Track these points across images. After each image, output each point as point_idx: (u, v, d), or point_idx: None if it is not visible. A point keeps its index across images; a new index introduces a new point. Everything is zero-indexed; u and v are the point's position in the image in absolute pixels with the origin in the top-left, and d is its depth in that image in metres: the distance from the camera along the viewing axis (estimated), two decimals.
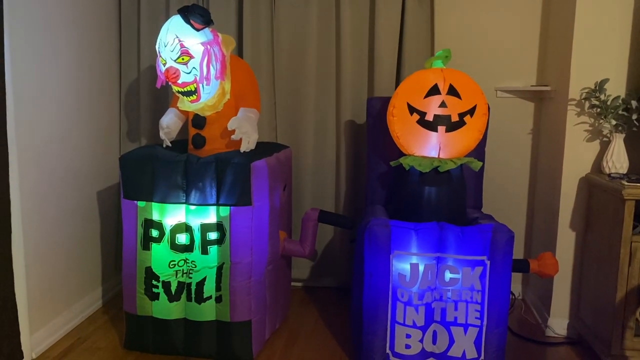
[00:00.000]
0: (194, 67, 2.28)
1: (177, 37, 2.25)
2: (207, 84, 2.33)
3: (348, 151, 3.13)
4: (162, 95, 3.05)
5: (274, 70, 3.11)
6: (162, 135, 2.56)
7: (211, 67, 2.31)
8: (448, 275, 2.16)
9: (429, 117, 2.25)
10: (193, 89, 2.33)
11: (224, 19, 3.04)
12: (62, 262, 2.64)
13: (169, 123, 2.56)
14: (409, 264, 2.15)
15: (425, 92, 2.27)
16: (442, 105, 2.24)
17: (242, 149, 2.37)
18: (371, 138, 2.73)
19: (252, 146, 2.41)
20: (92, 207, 2.92)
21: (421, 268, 2.15)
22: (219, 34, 2.40)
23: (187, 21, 2.26)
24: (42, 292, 2.47)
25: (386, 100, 2.51)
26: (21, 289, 2.29)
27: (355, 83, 3.09)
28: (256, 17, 3.05)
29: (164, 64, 2.31)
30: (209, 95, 2.39)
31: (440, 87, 2.26)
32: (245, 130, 2.37)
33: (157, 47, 2.33)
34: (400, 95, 2.34)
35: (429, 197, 2.33)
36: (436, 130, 2.25)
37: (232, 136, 2.37)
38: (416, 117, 2.28)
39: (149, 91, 3.12)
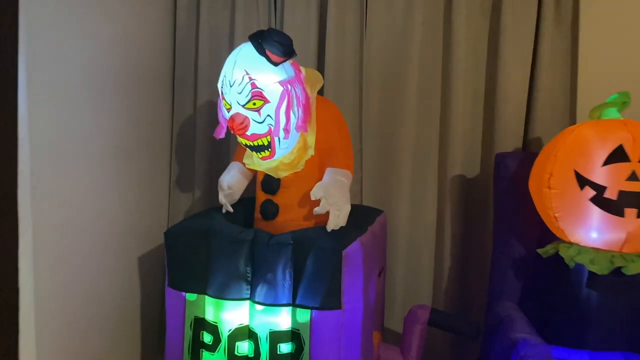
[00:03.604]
0: (268, 115, 1.66)
1: (248, 73, 1.64)
2: (286, 137, 1.70)
3: (456, 218, 2.38)
4: (224, 139, 2.45)
5: (361, 111, 2.45)
6: (221, 198, 1.95)
7: (291, 114, 1.68)
8: None
9: (612, 195, 1.54)
10: (266, 143, 1.71)
11: (302, 44, 2.42)
12: (96, 343, 2.05)
13: (231, 183, 1.94)
14: None
15: (605, 157, 1.57)
16: (633, 177, 1.52)
17: (329, 227, 1.71)
18: (501, 209, 2.01)
19: (343, 222, 1.75)
20: (133, 274, 2.34)
21: None
22: (302, 69, 1.78)
23: (262, 51, 1.64)
24: None
25: (526, 159, 1.82)
26: None
27: (468, 129, 2.37)
28: (341, 44, 2.41)
29: (229, 110, 1.70)
30: (286, 151, 1.76)
31: (628, 149, 1.54)
32: (335, 201, 1.72)
33: (219, 85, 1.74)
34: (562, 160, 1.63)
35: (602, 310, 1.60)
36: (622, 215, 1.53)
37: (316, 209, 1.72)
38: (590, 192, 1.56)
39: (206, 133, 2.52)
